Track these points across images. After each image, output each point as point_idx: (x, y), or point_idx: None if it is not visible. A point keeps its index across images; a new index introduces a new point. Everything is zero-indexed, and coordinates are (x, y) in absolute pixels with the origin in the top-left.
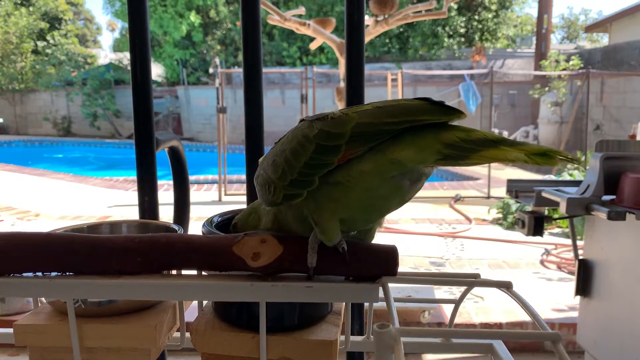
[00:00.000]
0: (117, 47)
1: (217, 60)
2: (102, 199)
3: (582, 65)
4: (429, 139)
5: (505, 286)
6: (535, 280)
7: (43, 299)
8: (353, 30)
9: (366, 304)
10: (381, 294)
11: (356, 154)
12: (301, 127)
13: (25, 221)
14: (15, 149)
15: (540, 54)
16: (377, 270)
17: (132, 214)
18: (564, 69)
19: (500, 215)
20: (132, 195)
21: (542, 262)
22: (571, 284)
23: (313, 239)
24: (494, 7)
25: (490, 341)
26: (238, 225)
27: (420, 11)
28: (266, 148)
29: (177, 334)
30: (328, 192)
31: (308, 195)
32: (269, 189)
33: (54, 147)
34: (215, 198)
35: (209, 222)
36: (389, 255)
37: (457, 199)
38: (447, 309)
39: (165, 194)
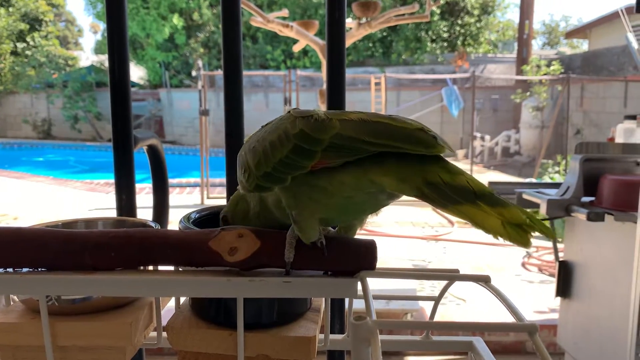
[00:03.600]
0: (99, 50)
1: (200, 62)
2: (82, 202)
3: (562, 71)
4: (411, 172)
5: (483, 280)
6: (517, 283)
7: (15, 298)
8: (334, 26)
9: (347, 304)
10: (360, 290)
11: (331, 164)
12: (285, 120)
13: (3, 224)
14: None
15: (522, 59)
16: (356, 264)
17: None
18: (545, 74)
19: None
20: (113, 199)
21: (523, 265)
22: (552, 286)
23: (291, 234)
24: (476, 12)
25: (470, 339)
26: (228, 217)
27: (403, 14)
28: None
29: (153, 333)
30: (309, 192)
31: (289, 191)
32: (245, 174)
33: (34, 150)
34: (197, 202)
35: (186, 218)
36: (368, 250)
37: None
38: (430, 310)
39: (146, 197)
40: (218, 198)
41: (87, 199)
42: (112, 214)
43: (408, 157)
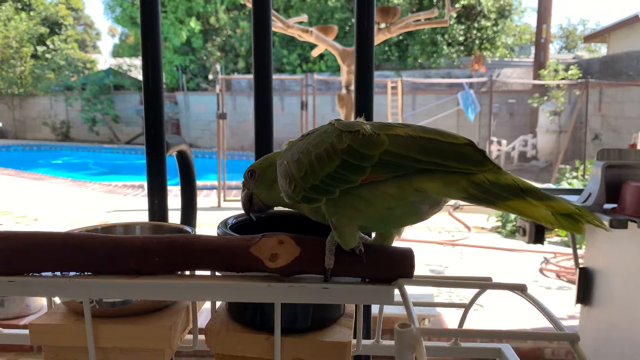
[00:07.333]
0: (116, 53)
1: (217, 66)
2: (100, 204)
3: (580, 75)
4: (457, 175)
5: (520, 289)
6: (535, 289)
7: (57, 300)
8: (363, 35)
9: (374, 310)
10: (397, 297)
11: (380, 179)
12: (330, 133)
13: (24, 225)
14: (14, 153)
15: (539, 64)
16: (393, 272)
17: (131, 219)
18: (563, 79)
19: (499, 224)
20: (131, 201)
21: (541, 271)
22: (570, 292)
23: (330, 241)
24: (492, 16)
25: (498, 345)
26: (256, 173)
27: (421, 19)
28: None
29: (189, 336)
30: (350, 201)
31: (329, 199)
32: (290, 184)
33: (53, 152)
34: (214, 204)
35: (224, 223)
36: (406, 258)
37: (456, 207)
38: (447, 316)
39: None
40: (235, 200)
41: (106, 201)
42: (132, 216)
43: None
